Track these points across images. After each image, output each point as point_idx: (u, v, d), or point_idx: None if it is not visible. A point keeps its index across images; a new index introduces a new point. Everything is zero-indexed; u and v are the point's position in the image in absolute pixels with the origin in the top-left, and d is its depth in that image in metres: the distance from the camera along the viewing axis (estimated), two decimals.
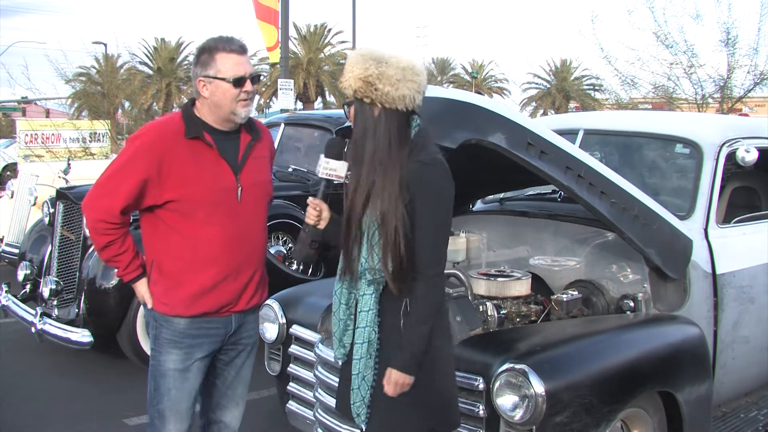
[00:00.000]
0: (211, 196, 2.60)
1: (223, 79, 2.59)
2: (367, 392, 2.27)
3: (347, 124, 2.99)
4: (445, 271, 3.34)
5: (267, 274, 2.88)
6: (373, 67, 2.19)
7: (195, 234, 2.60)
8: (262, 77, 2.79)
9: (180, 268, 2.63)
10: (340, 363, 2.44)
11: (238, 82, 2.60)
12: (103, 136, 14.68)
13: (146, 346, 4.78)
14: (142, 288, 2.71)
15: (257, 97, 43.01)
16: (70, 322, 5.05)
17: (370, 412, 2.28)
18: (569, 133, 3.87)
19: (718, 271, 3.48)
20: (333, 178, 2.40)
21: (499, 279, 3.35)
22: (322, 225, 2.42)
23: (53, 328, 4.97)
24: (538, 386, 2.52)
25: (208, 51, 2.61)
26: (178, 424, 2.69)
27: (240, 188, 2.66)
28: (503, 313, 3.26)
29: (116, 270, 2.75)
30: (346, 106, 2.33)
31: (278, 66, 15.88)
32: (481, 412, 2.68)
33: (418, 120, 2.29)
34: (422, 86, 2.24)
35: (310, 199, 2.44)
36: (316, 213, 2.42)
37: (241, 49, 2.64)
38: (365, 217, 2.22)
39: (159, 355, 2.68)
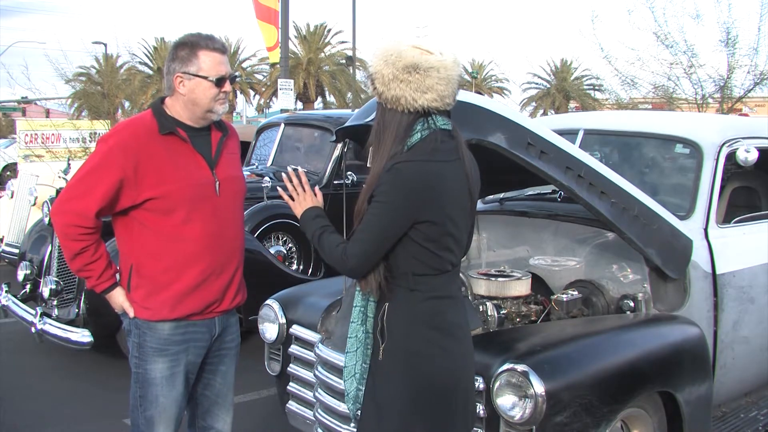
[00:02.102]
0: (191, 191, 2.55)
1: (204, 77, 2.55)
2: (353, 387, 2.25)
3: (348, 123, 2.99)
4: None
5: (244, 279, 2.82)
6: (376, 65, 2.13)
7: (175, 232, 2.54)
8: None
9: (161, 269, 2.56)
10: None
11: (220, 82, 2.57)
12: None
13: None
14: (119, 297, 2.62)
15: (257, 97, 43.01)
16: (70, 322, 5.05)
17: (361, 407, 2.27)
18: (569, 133, 3.87)
19: (718, 271, 3.48)
20: None
21: (499, 279, 3.35)
22: None
23: (53, 328, 4.97)
24: (538, 386, 2.52)
25: (189, 47, 2.56)
26: (167, 430, 2.64)
27: (217, 182, 2.62)
28: (503, 313, 3.26)
29: (87, 280, 2.64)
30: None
31: (278, 66, 15.91)
32: (481, 412, 2.67)
33: (431, 122, 2.15)
34: (424, 86, 2.09)
35: None
36: None
37: (223, 48, 2.61)
38: None
39: (145, 363, 2.61)
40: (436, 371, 2.18)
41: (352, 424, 2.38)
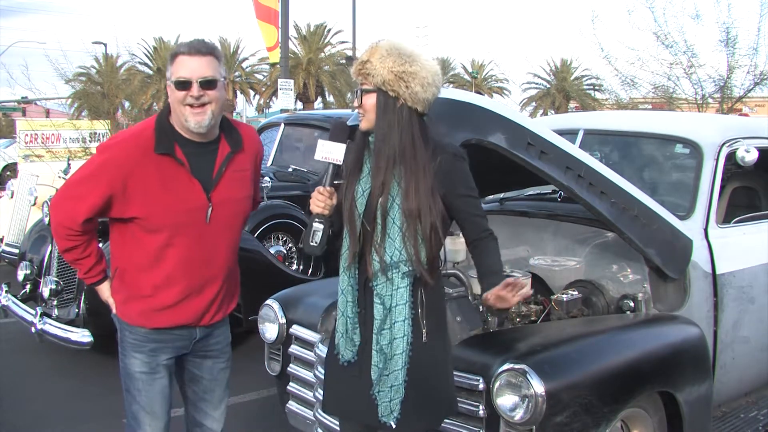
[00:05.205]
0: (176, 218, 2.50)
1: (172, 82, 2.47)
2: (402, 387, 2.26)
3: (348, 123, 2.98)
4: (446, 271, 3.36)
5: (237, 285, 2.78)
6: (408, 65, 2.22)
7: (158, 252, 2.52)
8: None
9: (141, 282, 2.56)
10: (347, 364, 2.38)
11: (180, 85, 2.44)
12: (103, 136, 14.60)
13: None
14: (105, 292, 2.67)
15: (257, 97, 42.86)
16: (70, 322, 5.04)
17: (402, 408, 2.27)
18: (569, 133, 3.87)
19: (718, 271, 3.48)
20: (330, 161, 2.31)
21: None
22: (327, 212, 2.33)
23: (53, 328, 4.96)
24: (538, 386, 2.52)
25: (173, 54, 2.51)
26: (153, 422, 2.63)
27: (210, 208, 2.54)
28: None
29: (78, 271, 2.70)
30: (359, 92, 2.29)
31: (278, 66, 15.91)
32: (481, 412, 2.68)
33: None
34: (438, 94, 2.32)
35: (317, 188, 2.32)
36: (323, 200, 2.30)
37: (195, 51, 2.46)
38: (393, 211, 2.24)
39: (125, 358, 2.63)
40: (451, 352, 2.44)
41: None
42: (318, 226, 2.30)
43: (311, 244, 2.31)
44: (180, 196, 2.50)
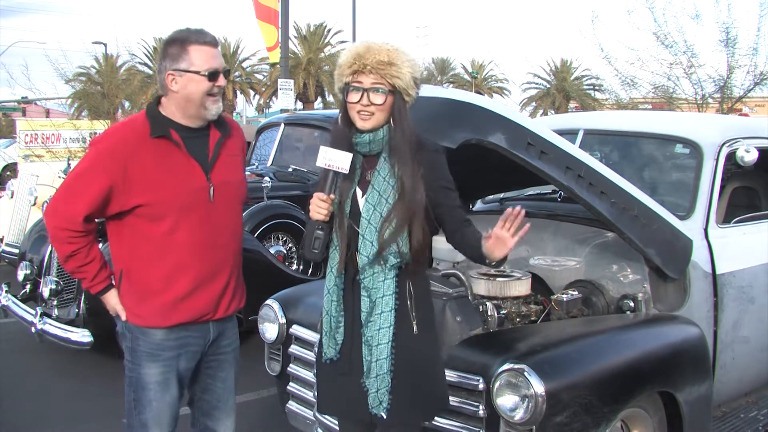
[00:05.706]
0: (182, 198, 2.48)
1: (197, 72, 2.46)
2: (388, 376, 2.28)
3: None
4: (446, 271, 3.37)
5: (244, 279, 2.77)
6: (418, 71, 2.33)
7: (164, 240, 2.47)
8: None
9: (151, 277, 2.51)
10: (329, 362, 2.42)
11: (213, 76, 2.48)
12: None
13: None
14: (112, 300, 2.59)
15: (257, 97, 42.81)
16: (70, 322, 5.05)
17: (391, 398, 2.29)
18: (569, 133, 3.87)
19: (718, 271, 3.48)
20: (334, 169, 2.28)
21: (499, 279, 3.34)
22: (326, 218, 2.33)
23: (53, 328, 4.97)
24: (538, 386, 2.52)
25: (180, 43, 2.48)
26: None
27: (212, 187, 2.54)
28: (503, 313, 3.26)
29: (83, 282, 2.62)
30: (369, 91, 2.27)
31: (278, 66, 15.92)
32: (481, 412, 2.68)
33: None
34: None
35: (317, 194, 2.31)
36: (325, 207, 2.30)
37: (214, 41, 2.52)
38: (380, 206, 2.30)
39: (138, 367, 2.56)
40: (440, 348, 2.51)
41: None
42: (319, 234, 2.31)
43: (313, 250, 2.33)
44: (181, 177, 2.50)
